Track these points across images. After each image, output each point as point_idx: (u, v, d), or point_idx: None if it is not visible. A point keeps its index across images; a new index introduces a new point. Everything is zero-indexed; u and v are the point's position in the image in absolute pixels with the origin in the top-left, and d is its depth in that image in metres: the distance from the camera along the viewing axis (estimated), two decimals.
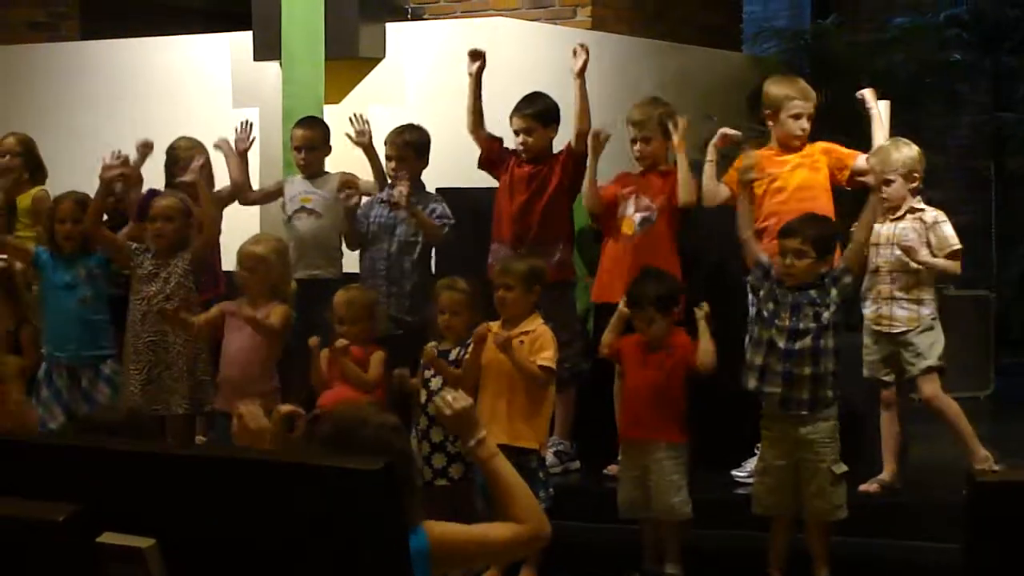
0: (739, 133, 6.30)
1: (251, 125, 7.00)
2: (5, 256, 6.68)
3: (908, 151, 5.99)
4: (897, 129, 6.53)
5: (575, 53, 6.36)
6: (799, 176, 6.13)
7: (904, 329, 5.90)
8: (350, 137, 6.77)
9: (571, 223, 6.50)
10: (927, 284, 5.93)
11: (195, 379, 6.24)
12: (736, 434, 5.98)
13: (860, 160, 6.16)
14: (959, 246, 5.90)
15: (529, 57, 7.76)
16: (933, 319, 5.92)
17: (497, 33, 7.84)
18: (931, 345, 5.91)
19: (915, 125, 8.59)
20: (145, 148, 6.85)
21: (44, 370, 6.36)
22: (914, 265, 5.85)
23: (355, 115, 6.83)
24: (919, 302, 5.91)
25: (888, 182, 5.93)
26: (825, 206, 6.09)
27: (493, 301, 5.77)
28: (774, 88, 6.28)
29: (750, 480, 6.00)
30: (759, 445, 5.92)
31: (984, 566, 2.25)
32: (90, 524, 2.27)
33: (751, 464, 6.06)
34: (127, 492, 2.45)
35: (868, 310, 6.00)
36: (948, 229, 5.89)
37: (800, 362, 5.44)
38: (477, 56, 6.54)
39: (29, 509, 2.24)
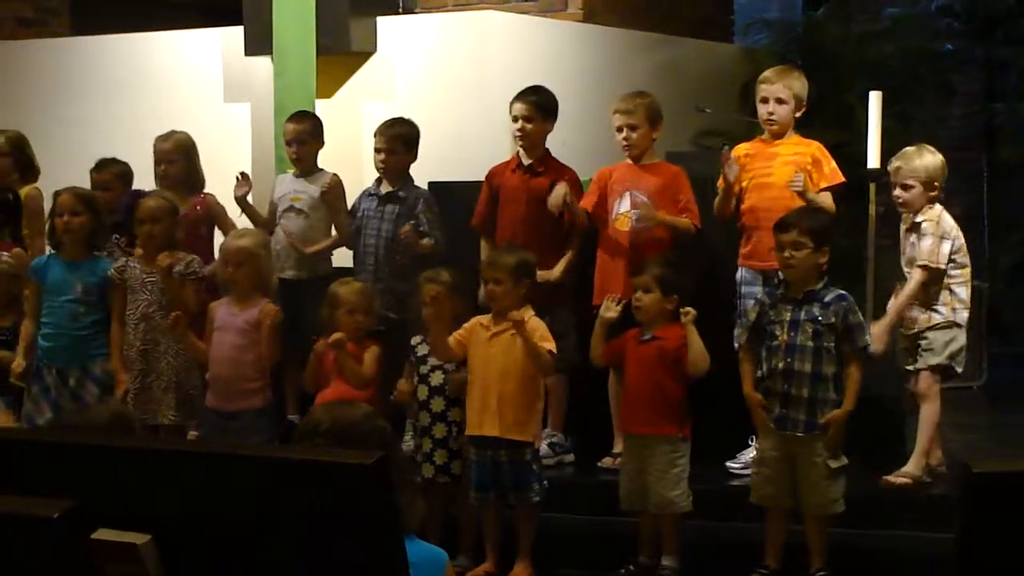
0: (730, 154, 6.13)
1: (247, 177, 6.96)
2: (9, 257, 6.65)
3: (932, 159, 5.90)
4: (889, 120, 6.51)
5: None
6: (787, 173, 6.03)
7: (918, 330, 5.89)
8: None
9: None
10: (938, 294, 5.87)
11: (183, 392, 6.17)
12: (731, 425, 5.96)
13: (822, 196, 6.00)
14: (929, 264, 5.80)
15: (520, 50, 7.75)
16: (952, 320, 5.86)
17: (488, 26, 7.83)
18: (946, 343, 5.86)
19: (907, 116, 8.59)
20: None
21: (35, 366, 6.32)
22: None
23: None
24: (931, 308, 5.88)
25: (907, 187, 5.89)
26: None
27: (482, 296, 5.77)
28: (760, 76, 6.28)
29: (745, 471, 5.98)
30: (753, 436, 5.92)
31: (977, 556, 2.25)
32: (85, 520, 2.27)
33: (746, 455, 6.06)
34: (122, 488, 2.45)
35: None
36: (927, 243, 5.79)
37: (799, 384, 5.35)
38: None
39: (24, 506, 2.24)
